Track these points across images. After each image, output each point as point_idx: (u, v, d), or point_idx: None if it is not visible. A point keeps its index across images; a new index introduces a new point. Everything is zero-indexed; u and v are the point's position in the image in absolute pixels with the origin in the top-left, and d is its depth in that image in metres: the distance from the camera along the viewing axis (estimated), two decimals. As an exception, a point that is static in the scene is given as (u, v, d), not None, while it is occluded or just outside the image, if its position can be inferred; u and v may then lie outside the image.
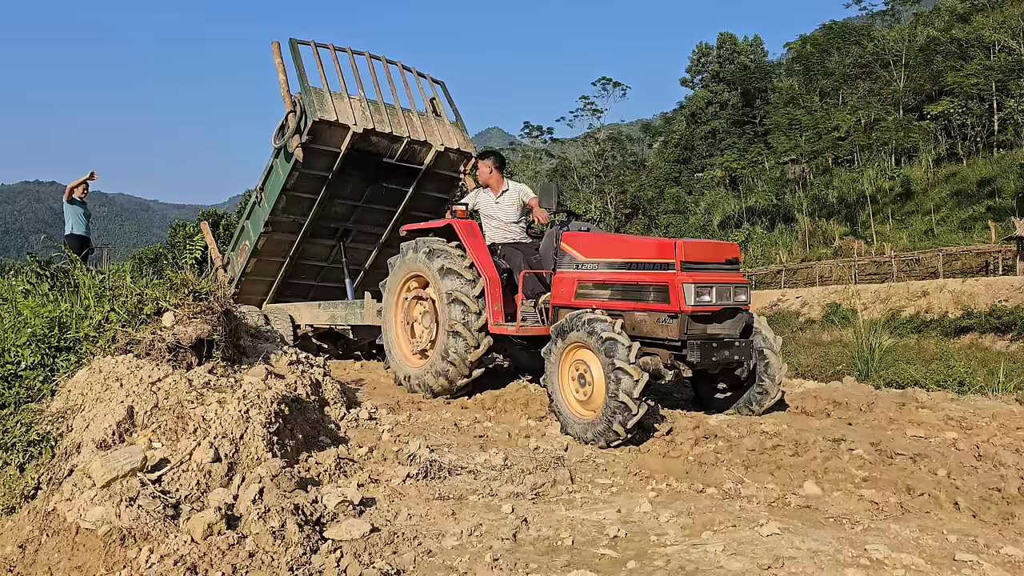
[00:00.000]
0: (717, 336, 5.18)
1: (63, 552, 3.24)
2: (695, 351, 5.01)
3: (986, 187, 40.05)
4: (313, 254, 9.94)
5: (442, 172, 9.53)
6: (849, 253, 39.11)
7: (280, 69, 8.51)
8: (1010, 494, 4.08)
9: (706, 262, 5.23)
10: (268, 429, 4.13)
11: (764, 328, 5.63)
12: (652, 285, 5.15)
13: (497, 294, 6.16)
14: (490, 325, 6.09)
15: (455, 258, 6.26)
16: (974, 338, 24.01)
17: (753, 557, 3.07)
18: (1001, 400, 6.83)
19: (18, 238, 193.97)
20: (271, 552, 3.12)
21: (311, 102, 8.14)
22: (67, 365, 4.50)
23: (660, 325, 5.12)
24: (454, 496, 3.99)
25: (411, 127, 8.93)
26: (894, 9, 62.19)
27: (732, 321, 5.28)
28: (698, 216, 55.91)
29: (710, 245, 5.50)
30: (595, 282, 5.56)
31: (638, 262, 5.36)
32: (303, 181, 8.81)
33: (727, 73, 66.52)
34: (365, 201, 9.46)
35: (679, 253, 5.08)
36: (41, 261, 5.80)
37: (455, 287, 6.13)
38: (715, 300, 5.07)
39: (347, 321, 8.58)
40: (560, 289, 5.82)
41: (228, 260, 10.21)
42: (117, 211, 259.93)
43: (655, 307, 5.13)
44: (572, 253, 5.81)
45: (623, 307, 5.32)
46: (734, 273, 5.37)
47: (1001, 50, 45.47)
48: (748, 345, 5.41)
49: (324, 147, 8.47)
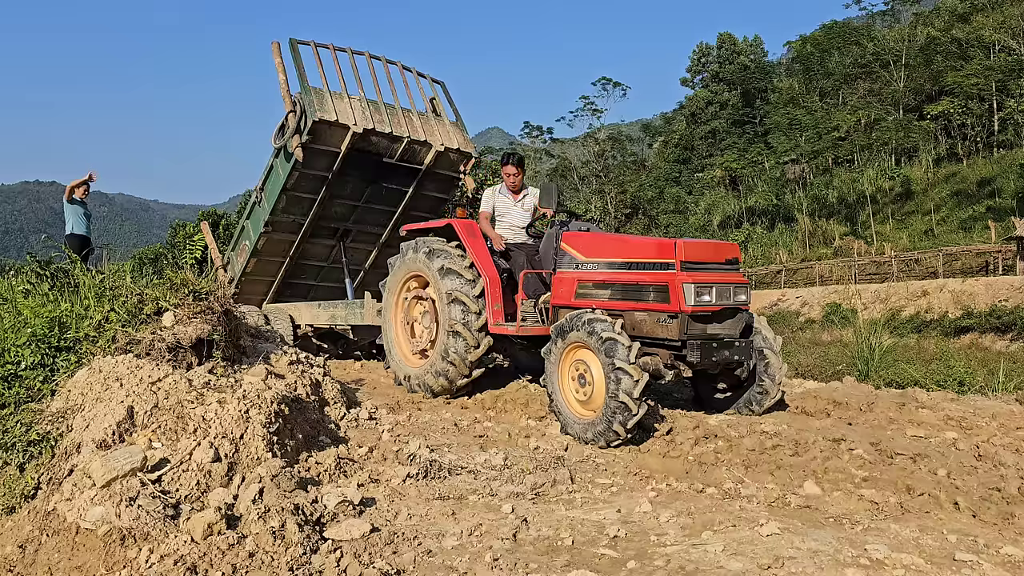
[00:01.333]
0: (717, 336, 5.17)
1: (63, 552, 3.24)
2: (695, 351, 5.01)
3: (986, 187, 40.05)
4: (313, 254, 9.94)
5: (442, 172, 9.52)
6: (849, 253, 39.11)
7: (280, 69, 8.51)
8: (1010, 494, 4.08)
9: (706, 262, 5.22)
10: (268, 429, 4.13)
11: (764, 328, 5.63)
12: (652, 285, 5.15)
13: (497, 294, 6.15)
14: (490, 325, 6.09)
15: (455, 258, 6.25)
16: (974, 338, 24.01)
17: (753, 557, 3.07)
18: (1001, 400, 6.83)
19: (18, 238, 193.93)
20: (271, 552, 3.12)
21: (311, 102, 8.13)
22: (67, 365, 4.50)
23: (660, 325, 5.12)
24: (454, 496, 3.99)
25: (411, 127, 8.91)
26: (894, 9, 62.18)
27: (732, 321, 5.27)
28: (698, 216, 55.90)
29: (710, 245, 5.49)
30: (595, 282, 5.56)
31: (638, 262, 5.35)
32: (303, 181, 8.80)
33: (727, 73, 66.51)
34: (365, 201, 9.45)
35: (679, 253, 5.08)
36: (41, 261, 5.80)
37: (455, 287, 6.13)
38: (715, 300, 5.06)
39: (347, 321, 8.57)
40: (560, 289, 5.82)
41: (228, 260, 10.21)
42: (117, 211, 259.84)
43: (655, 307, 5.13)
44: (572, 253, 5.80)
45: (623, 307, 5.31)
46: (734, 273, 5.37)
47: (1001, 50, 45.45)
48: (748, 345, 5.40)
49: (324, 147, 8.47)
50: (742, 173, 56.25)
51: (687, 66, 73.60)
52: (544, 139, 70.47)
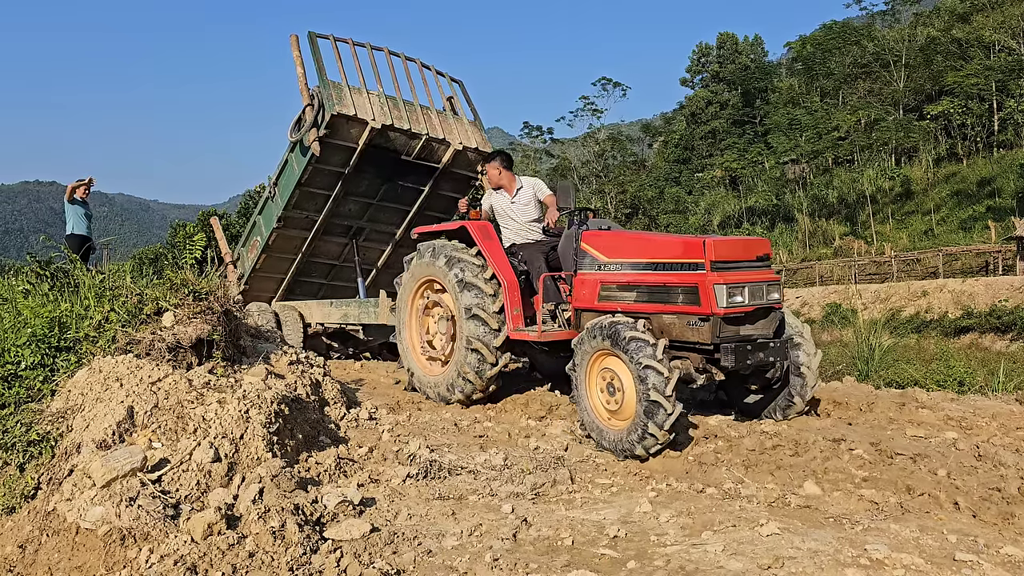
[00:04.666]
0: (751, 338, 4.87)
1: (63, 552, 3.24)
2: (729, 354, 4.71)
3: (986, 187, 40.10)
4: (325, 252, 9.81)
5: (459, 172, 9.37)
6: (849, 253, 39.15)
7: (298, 62, 8.37)
8: (1010, 494, 4.07)
9: (737, 260, 4.91)
10: (268, 429, 4.13)
11: (806, 340, 5.30)
12: (680, 286, 4.87)
13: (516, 298, 5.88)
14: (510, 331, 5.82)
15: (473, 267, 5.97)
16: (974, 338, 24.04)
17: (753, 557, 3.07)
18: (1001, 400, 6.82)
19: (18, 238, 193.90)
20: (271, 552, 3.12)
21: (329, 96, 8.00)
22: (67, 365, 4.50)
23: (690, 328, 4.82)
24: (454, 496, 3.99)
25: (430, 124, 8.78)
26: (894, 9, 62.28)
27: (765, 321, 4.98)
28: (698, 216, 55.94)
29: (740, 242, 5.18)
30: (619, 284, 5.28)
31: (664, 262, 5.06)
32: (318, 176, 8.68)
33: (727, 73, 66.58)
34: (380, 199, 9.32)
35: (709, 252, 4.77)
36: (41, 261, 5.80)
37: (475, 303, 5.87)
38: (748, 300, 4.77)
39: (360, 320, 8.44)
40: (582, 291, 5.54)
41: (238, 256, 10.08)
42: (117, 211, 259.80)
43: (684, 309, 4.84)
44: (593, 254, 5.52)
45: (650, 309, 5.04)
46: (766, 271, 5.06)
47: (1001, 50, 45.50)
48: (783, 345, 5.10)
49: (341, 142, 8.34)
50: (742, 173, 56.31)
51: (687, 66, 73.75)
52: (544, 139, 70.54)
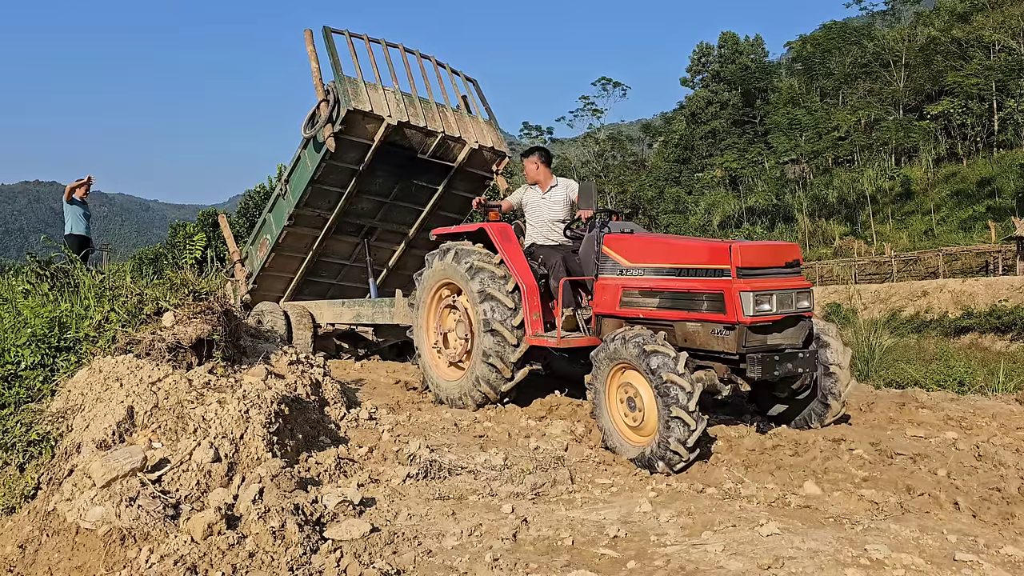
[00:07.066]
0: (779, 347, 4.68)
1: (63, 552, 3.24)
2: (756, 365, 4.54)
3: (986, 187, 40.11)
4: (335, 251, 9.71)
5: (474, 171, 9.26)
6: (849, 253, 39.16)
7: (313, 57, 8.29)
8: (1010, 494, 4.07)
9: (765, 267, 4.71)
10: (268, 429, 4.13)
11: (834, 339, 5.15)
12: (705, 293, 4.70)
13: (536, 303, 5.72)
14: (528, 336, 5.68)
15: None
16: (974, 338, 24.05)
17: (753, 557, 3.07)
18: (1001, 400, 6.83)
19: (18, 238, 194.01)
20: (271, 552, 3.12)
21: (345, 91, 7.89)
22: (67, 365, 4.51)
23: (715, 337, 4.66)
24: (454, 496, 3.99)
25: (446, 122, 8.69)
26: (894, 9, 62.32)
27: (794, 330, 4.77)
28: (698, 216, 55.96)
29: (768, 247, 4.95)
30: (641, 289, 5.12)
31: (689, 268, 4.88)
32: (331, 173, 8.58)
33: (728, 73, 66.57)
34: (393, 198, 9.22)
35: (735, 258, 4.57)
36: (41, 261, 5.80)
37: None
38: (776, 309, 4.59)
39: (375, 320, 8.33)
40: (603, 297, 5.37)
41: (246, 255, 9.98)
42: (117, 211, 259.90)
43: (709, 317, 4.68)
44: (615, 258, 5.35)
45: (673, 316, 4.89)
46: (795, 277, 4.84)
47: (1001, 50, 45.50)
48: (813, 356, 4.90)
49: (356, 138, 8.23)
50: (742, 173, 56.31)
51: (687, 66, 73.74)
52: (544, 139, 70.54)
